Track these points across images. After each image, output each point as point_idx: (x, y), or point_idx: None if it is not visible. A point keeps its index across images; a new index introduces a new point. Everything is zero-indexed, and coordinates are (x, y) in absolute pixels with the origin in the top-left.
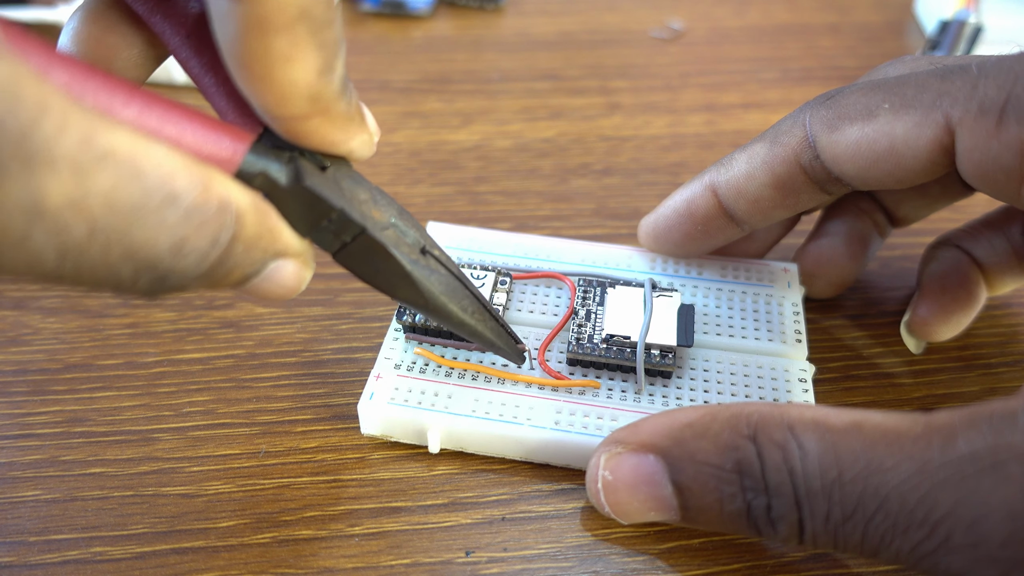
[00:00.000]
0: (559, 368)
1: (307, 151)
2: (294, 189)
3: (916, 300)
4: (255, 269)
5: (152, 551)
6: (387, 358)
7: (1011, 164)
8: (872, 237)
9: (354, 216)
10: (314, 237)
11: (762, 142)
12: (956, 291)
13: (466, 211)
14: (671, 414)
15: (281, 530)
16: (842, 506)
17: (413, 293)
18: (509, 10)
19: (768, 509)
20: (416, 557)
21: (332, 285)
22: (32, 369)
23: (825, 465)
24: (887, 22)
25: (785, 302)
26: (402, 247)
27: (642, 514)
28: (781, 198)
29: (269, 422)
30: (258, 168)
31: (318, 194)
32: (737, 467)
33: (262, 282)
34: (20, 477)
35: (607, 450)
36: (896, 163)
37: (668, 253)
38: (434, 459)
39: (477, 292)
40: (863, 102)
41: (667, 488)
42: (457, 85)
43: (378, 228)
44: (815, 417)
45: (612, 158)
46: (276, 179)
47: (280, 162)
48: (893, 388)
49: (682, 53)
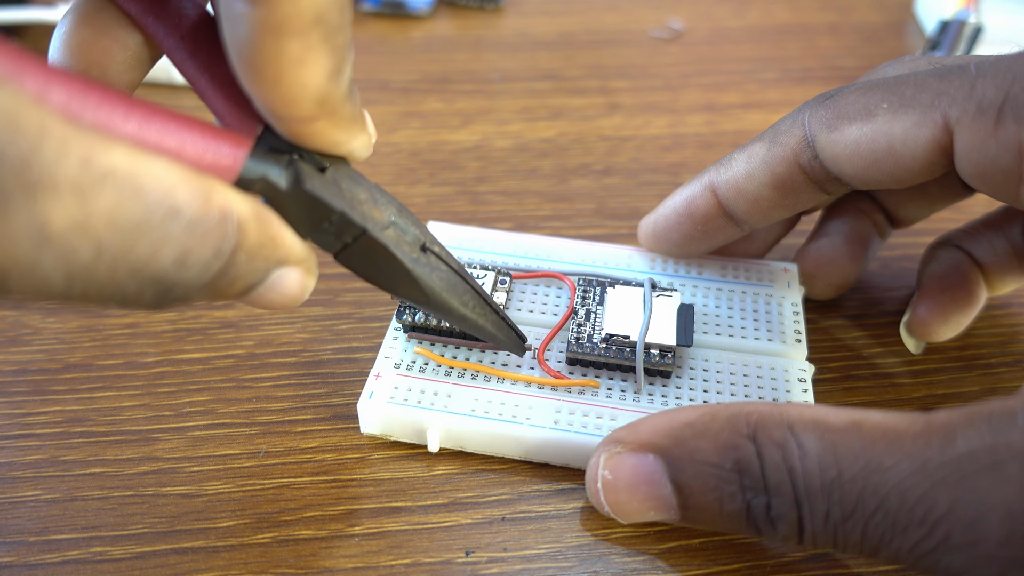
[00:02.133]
0: (559, 367)
1: (306, 152)
2: (294, 193)
3: (916, 300)
4: (258, 278)
5: (152, 551)
6: (387, 357)
7: (1009, 164)
8: (872, 238)
9: (355, 218)
10: (315, 239)
11: (761, 142)
12: (956, 291)
13: (466, 211)
14: (670, 414)
15: (281, 530)
16: (841, 505)
17: (415, 291)
18: (509, 10)
19: (767, 508)
20: (416, 557)
21: (332, 285)
22: (32, 369)
23: (824, 464)
24: (887, 22)
25: (785, 302)
26: (403, 246)
27: (641, 514)
28: (780, 198)
29: (269, 422)
30: (258, 173)
31: (318, 198)
32: (737, 466)
33: (266, 292)
34: (20, 477)
35: (606, 450)
36: (895, 163)
37: (668, 253)
38: (434, 459)
39: (477, 286)
40: (862, 102)
41: (666, 487)
42: (457, 85)
43: (379, 228)
44: (814, 416)
45: (612, 158)
46: (276, 183)
47: (279, 166)
48: (893, 388)
49: (682, 53)
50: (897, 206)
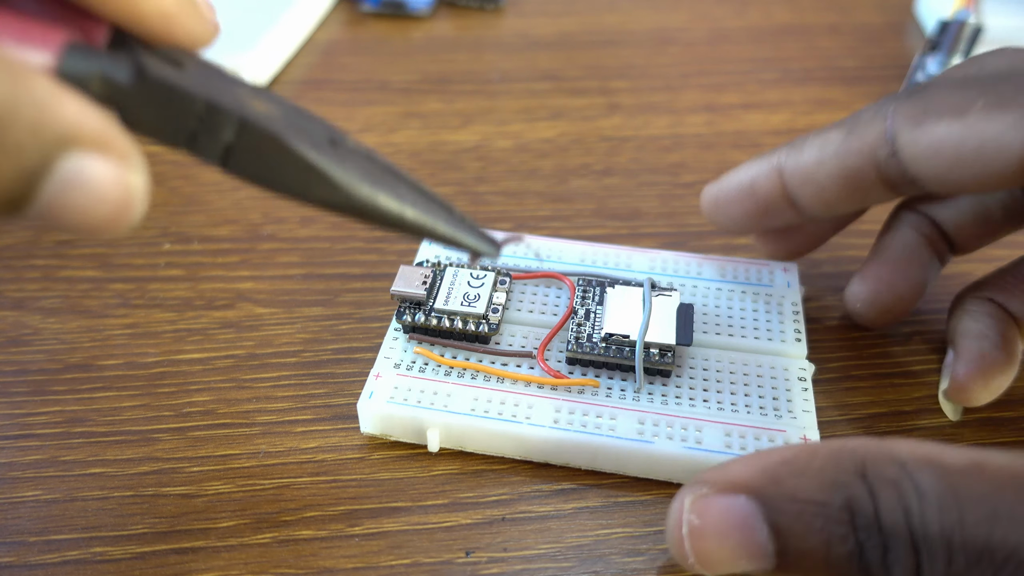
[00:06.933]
0: (558, 367)
1: (157, 51)
2: (142, 87)
3: (953, 363)
4: (30, 161)
5: (152, 551)
6: (387, 357)
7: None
8: (933, 264)
9: (226, 105)
10: (191, 149)
11: (838, 130)
12: (996, 353)
13: (466, 211)
14: (763, 453)
15: (281, 530)
16: (965, 554)
17: (326, 188)
18: (509, 10)
19: (884, 552)
20: (416, 557)
21: (332, 285)
22: (32, 369)
23: (945, 507)
24: (887, 22)
25: (785, 302)
26: (299, 135)
27: (731, 563)
28: (848, 191)
29: (269, 422)
30: (90, 70)
31: (172, 85)
32: (847, 504)
33: (62, 192)
34: (20, 477)
35: (692, 492)
36: (983, 166)
37: (723, 227)
38: (434, 459)
39: (415, 180)
40: (955, 98)
41: (762, 532)
42: (457, 85)
43: (262, 118)
44: (929, 455)
45: (612, 158)
46: (115, 79)
47: (118, 61)
48: (893, 388)
49: (682, 53)
50: (957, 229)
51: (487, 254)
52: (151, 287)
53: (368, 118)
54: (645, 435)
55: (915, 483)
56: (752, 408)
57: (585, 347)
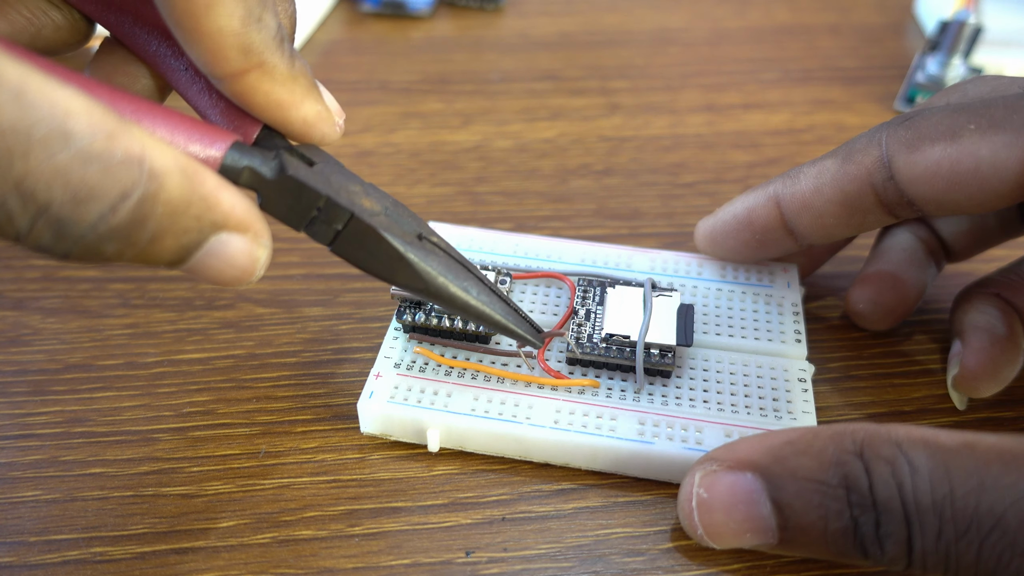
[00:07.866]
0: (559, 367)
1: (296, 148)
2: (280, 180)
3: (961, 353)
4: (191, 240)
5: (152, 551)
6: (387, 357)
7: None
8: (930, 268)
9: (341, 202)
10: (309, 231)
11: (833, 158)
12: (1004, 345)
13: (466, 211)
14: (768, 434)
15: (281, 530)
16: (955, 524)
17: (411, 275)
18: (509, 10)
19: (876, 526)
20: (416, 557)
21: (332, 285)
22: (32, 369)
23: (936, 481)
24: (887, 22)
25: (785, 302)
26: (394, 230)
27: (737, 536)
28: (846, 217)
29: (269, 422)
30: (243, 164)
31: (303, 182)
32: (843, 482)
33: (206, 258)
34: (20, 477)
35: (702, 468)
36: (979, 186)
37: (721, 257)
38: (434, 459)
39: (482, 275)
40: (946, 122)
41: (766, 507)
42: (457, 85)
43: (368, 214)
44: (924, 435)
45: (612, 158)
46: (261, 172)
47: (266, 158)
48: (893, 388)
49: (682, 53)
50: (954, 238)
51: (533, 345)
52: (151, 287)
53: (368, 118)
54: (645, 435)
55: (909, 460)
56: (752, 409)
57: (585, 347)
